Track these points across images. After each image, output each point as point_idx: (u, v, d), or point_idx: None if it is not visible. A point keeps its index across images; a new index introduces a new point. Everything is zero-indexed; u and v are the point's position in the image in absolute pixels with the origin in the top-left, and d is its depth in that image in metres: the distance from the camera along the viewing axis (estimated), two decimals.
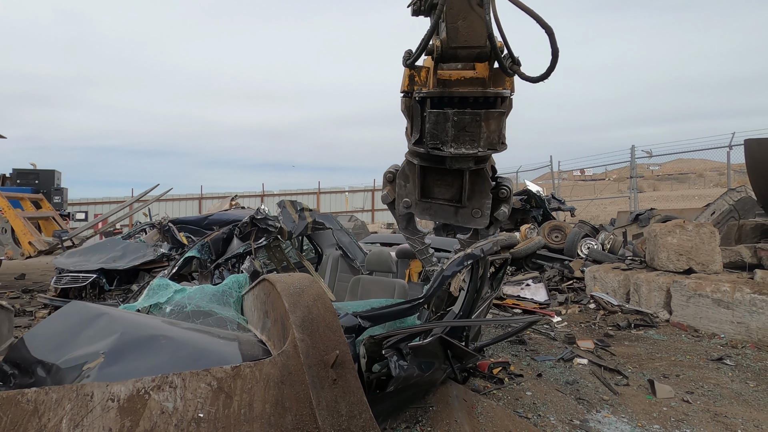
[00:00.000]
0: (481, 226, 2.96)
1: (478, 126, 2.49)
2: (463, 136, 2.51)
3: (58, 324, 2.27)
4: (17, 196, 9.63)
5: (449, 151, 2.51)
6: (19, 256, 8.95)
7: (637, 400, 3.47)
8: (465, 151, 2.52)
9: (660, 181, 35.83)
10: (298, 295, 2.02)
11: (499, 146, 2.60)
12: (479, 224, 2.91)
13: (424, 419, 2.95)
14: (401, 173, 2.91)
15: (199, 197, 24.80)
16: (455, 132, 2.49)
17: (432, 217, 2.98)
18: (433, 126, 2.50)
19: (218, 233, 6.54)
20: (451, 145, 2.50)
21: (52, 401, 1.44)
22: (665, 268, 5.86)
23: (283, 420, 1.57)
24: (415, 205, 2.92)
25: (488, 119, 2.51)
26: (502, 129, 2.60)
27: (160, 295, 3.55)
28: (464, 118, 2.48)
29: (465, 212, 2.87)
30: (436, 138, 2.51)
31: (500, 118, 2.55)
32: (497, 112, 2.52)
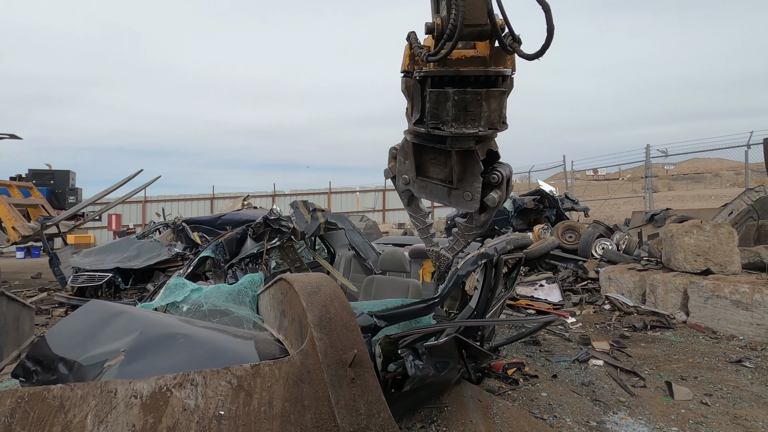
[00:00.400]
0: (472, 210, 2.92)
1: (479, 105, 2.46)
2: (464, 116, 2.48)
3: (78, 322, 2.31)
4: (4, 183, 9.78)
5: (450, 130, 2.48)
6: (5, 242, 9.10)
7: (654, 402, 3.43)
8: (466, 131, 2.49)
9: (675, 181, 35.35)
10: (316, 294, 2.03)
11: (500, 125, 2.57)
12: (470, 208, 2.87)
13: (439, 419, 2.95)
14: (401, 150, 2.94)
15: (210, 197, 25.01)
16: (456, 111, 2.46)
17: (427, 196, 2.99)
18: (433, 105, 2.48)
19: (232, 233, 6.60)
20: (452, 125, 2.48)
21: (77, 397, 1.47)
22: (682, 269, 5.78)
23: (302, 418, 1.59)
24: (413, 183, 2.95)
25: (489, 98, 2.48)
26: (503, 108, 2.57)
27: (177, 294, 3.59)
28: (465, 97, 2.45)
29: (457, 194, 2.84)
30: (436, 118, 2.49)
31: (501, 97, 2.52)
32: (498, 91, 2.49)
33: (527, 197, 11.67)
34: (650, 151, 14.41)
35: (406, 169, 2.95)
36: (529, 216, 11.60)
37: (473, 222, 3.07)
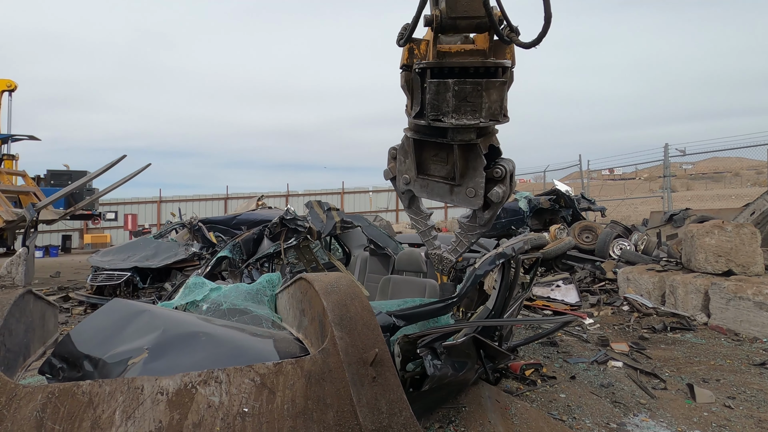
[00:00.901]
0: (475, 207, 2.86)
1: (479, 96, 2.44)
2: (465, 107, 2.46)
3: (102, 320, 2.35)
4: None
5: (450, 121, 2.45)
6: None
7: (676, 405, 3.38)
8: (466, 122, 2.47)
9: (694, 180, 34.76)
10: (336, 294, 2.04)
11: (501, 117, 2.54)
12: (474, 204, 2.82)
13: (457, 419, 2.94)
14: (401, 149, 2.88)
15: (224, 197, 25.26)
16: (456, 102, 2.44)
17: (429, 195, 2.94)
18: (433, 96, 2.46)
19: (249, 233, 6.65)
20: (452, 116, 2.45)
21: (105, 393, 1.50)
22: (703, 270, 5.68)
23: (325, 416, 1.59)
24: (414, 182, 2.89)
25: (489, 89, 2.46)
26: (504, 100, 2.54)
27: (197, 293, 3.63)
28: (465, 87, 2.43)
29: (460, 191, 2.80)
30: (436, 109, 2.47)
31: (502, 88, 2.49)
32: (498, 82, 2.46)
33: (543, 197, 11.57)
34: (668, 150, 14.18)
35: (406, 168, 2.90)
36: (544, 216, 11.51)
37: (476, 220, 3.00)
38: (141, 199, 24.50)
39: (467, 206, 2.89)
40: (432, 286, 4.22)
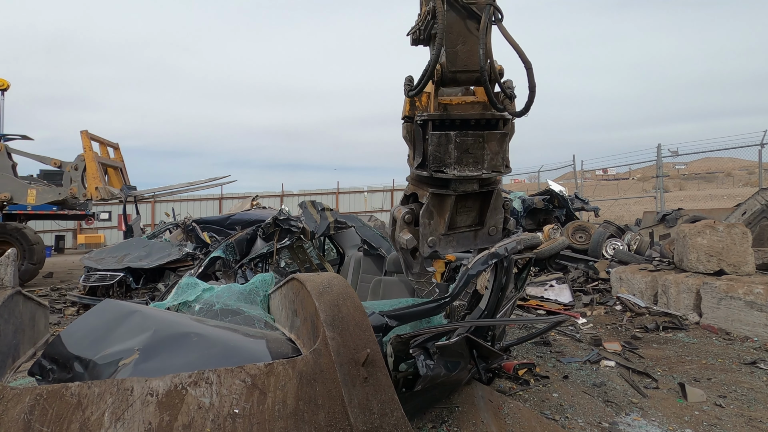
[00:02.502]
0: (496, 242, 2.97)
1: (481, 147, 2.52)
2: (466, 158, 2.52)
3: (93, 321, 2.33)
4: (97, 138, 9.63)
5: (452, 173, 2.50)
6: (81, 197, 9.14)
7: (667, 404, 3.40)
8: (469, 173, 2.53)
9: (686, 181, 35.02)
10: (328, 294, 2.04)
11: (503, 168, 2.62)
12: (494, 240, 2.93)
13: (450, 419, 2.94)
14: (426, 211, 2.77)
15: (219, 197, 25.16)
16: (458, 154, 2.51)
17: (454, 248, 2.95)
18: (435, 148, 2.51)
19: (242, 234, 6.63)
20: (455, 167, 2.51)
21: (94, 395, 1.49)
22: (695, 270, 5.72)
23: (316, 417, 1.59)
24: (439, 242, 2.83)
25: (491, 141, 2.53)
26: (506, 152, 2.63)
27: (189, 293, 3.62)
28: (467, 139, 2.50)
29: (483, 233, 2.90)
30: (439, 161, 2.52)
31: (503, 140, 2.58)
32: (500, 134, 2.54)
33: (537, 197, 11.61)
34: (661, 150, 14.27)
35: (431, 230, 2.80)
36: (538, 216, 11.55)
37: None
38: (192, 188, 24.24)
39: (488, 244, 2.98)
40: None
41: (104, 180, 9.15)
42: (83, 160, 9.11)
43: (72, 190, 9.12)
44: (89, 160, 9.07)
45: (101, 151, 9.67)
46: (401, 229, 2.85)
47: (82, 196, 9.12)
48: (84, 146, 9.09)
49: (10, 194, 9.05)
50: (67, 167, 9.16)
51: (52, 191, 9.24)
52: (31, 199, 9.17)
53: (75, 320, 2.44)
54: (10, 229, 10.39)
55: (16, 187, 9.16)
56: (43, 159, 9.47)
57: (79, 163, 9.12)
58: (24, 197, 9.16)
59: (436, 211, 2.77)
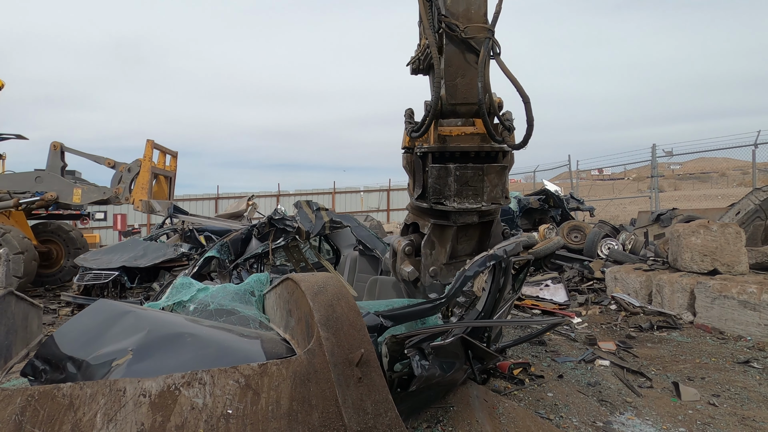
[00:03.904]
0: None
1: (480, 180, 2.53)
2: (466, 191, 2.54)
3: (86, 321, 2.31)
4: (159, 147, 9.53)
5: (452, 205, 2.52)
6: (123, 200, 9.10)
7: (661, 403, 3.41)
8: (468, 206, 2.55)
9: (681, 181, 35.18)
10: (322, 294, 2.04)
11: (502, 200, 2.63)
12: None
13: (445, 419, 2.94)
14: (427, 242, 2.79)
15: (215, 197, 25.09)
16: (458, 186, 2.52)
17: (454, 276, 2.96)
18: (435, 181, 2.52)
19: (237, 233, 6.61)
20: (455, 200, 2.53)
21: (86, 396, 1.48)
22: (689, 269, 5.75)
23: (309, 417, 1.59)
24: (441, 271, 2.87)
25: (490, 173, 2.55)
26: (505, 183, 2.64)
27: (184, 293, 3.60)
28: (466, 172, 2.52)
29: None
30: (438, 193, 2.53)
31: (502, 172, 2.59)
32: (499, 166, 2.56)
33: (532, 197, 11.65)
34: (656, 150, 14.34)
35: (433, 260, 2.84)
36: (534, 216, 11.58)
37: None
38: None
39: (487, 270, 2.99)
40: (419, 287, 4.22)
41: (150, 194, 9.15)
42: (139, 165, 9.09)
43: (118, 189, 9.08)
44: (144, 169, 9.08)
45: (159, 159, 9.65)
46: (402, 261, 2.87)
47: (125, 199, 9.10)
48: (145, 155, 9.10)
49: (56, 194, 9.03)
50: (121, 167, 9.13)
51: (97, 191, 9.21)
52: (77, 198, 9.15)
53: (68, 321, 2.43)
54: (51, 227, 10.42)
55: (63, 186, 9.15)
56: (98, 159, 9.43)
57: (134, 167, 9.11)
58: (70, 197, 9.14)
59: (438, 242, 2.78)
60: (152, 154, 9.19)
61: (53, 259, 10.31)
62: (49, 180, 9.16)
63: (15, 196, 9.09)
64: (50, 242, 10.37)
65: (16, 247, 8.07)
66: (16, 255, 8.01)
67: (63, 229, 10.60)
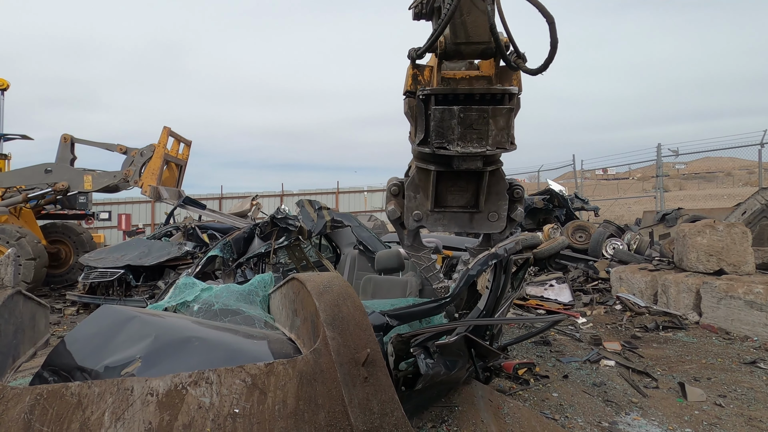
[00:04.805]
0: (497, 230, 2.86)
1: (485, 123, 2.38)
2: (470, 134, 2.39)
3: (91, 329, 2.27)
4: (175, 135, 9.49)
5: (455, 149, 2.39)
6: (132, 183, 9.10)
7: (667, 403, 3.40)
8: (472, 150, 2.40)
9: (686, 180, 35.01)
10: (328, 294, 2.04)
11: (508, 145, 2.47)
12: (496, 228, 2.82)
13: (450, 419, 2.94)
14: (411, 184, 2.70)
15: (219, 197, 25.15)
16: (462, 130, 2.38)
17: (445, 227, 2.85)
18: (438, 124, 2.38)
19: (239, 232, 6.62)
20: (458, 144, 2.39)
21: (94, 395, 1.48)
22: (695, 269, 5.72)
23: (316, 417, 1.59)
24: (427, 217, 2.74)
25: (496, 116, 2.39)
26: (511, 128, 2.48)
27: (187, 293, 3.60)
28: (471, 114, 2.37)
29: (481, 217, 2.78)
30: (441, 136, 2.39)
31: (509, 115, 2.43)
32: (505, 109, 2.40)
33: (537, 197, 11.62)
34: (661, 150, 14.27)
35: (417, 204, 2.72)
36: (538, 216, 11.55)
37: (490, 242, 3.00)
38: (135, 199, 24.30)
39: (488, 230, 2.86)
40: (414, 285, 4.22)
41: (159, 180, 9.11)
42: (152, 150, 9.05)
43: (128, 171, 9.06)
44: (157, 155, 8.99)
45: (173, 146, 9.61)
46: (387, 201, 2.79)
47: (134, 182, 9.08)
48: (160, 141, 9.05)
49: (67, 183, 9.07)
50: (133, 152, 9.13)
51: (107, 176, 9.22)
52: (88, 185, 9.17)
53: (73, 329, 2.41)
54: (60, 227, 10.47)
55: (73, 175, 9.19)
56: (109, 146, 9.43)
57: (146, 151, 9.07)
58: (81, 184, 9.18)
59: (422, 186, 2.67)
60: (167, 140, 9.18)
61: (62, 259, 10.36)
62: (59, 171, 9.20)
63: (23, 192, 9.15)
64: (59, 242, 10.42)
65: (29, 252, 8.10)
66: (28, 261, 8.04)
67: (73, 230, 10.64)
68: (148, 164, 9.06)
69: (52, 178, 9.12)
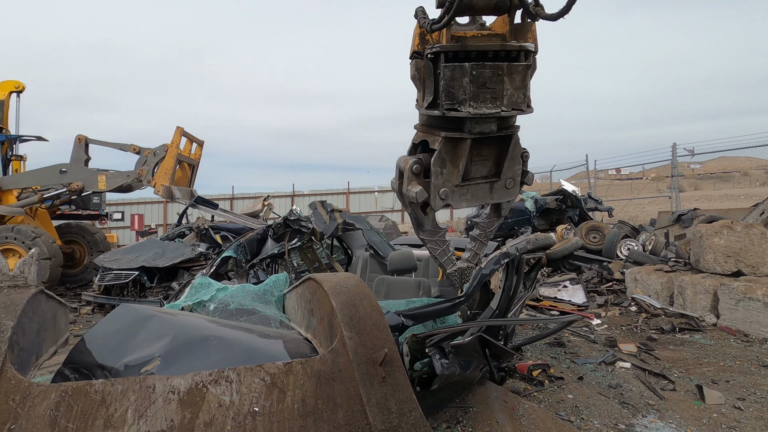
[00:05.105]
0: (513, 197, 2.70)
1: (500, 81, 2.18)
2: (484, 93, 2.19)
3: (110, 328, 2.30)
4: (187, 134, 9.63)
5: (468, 111, 2.19)
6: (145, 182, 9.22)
7: (685, 406, 3.36)
8: (486, 111, 2.19)
9: (702, 180, 34.51)
10: (345, 294, 2.05)
11: (524, 107, 2.29)
12: (512, 195, 2.66)
13: (464, 419, 2.94)
14: (437, 159, 2.40)
15: (230, 197, 25.32)
16: (474, 89, 2.17)
17: (468, 202, 2.62)
18: (448, 83, 2.17)
19: (253, 234, 6.67)
20: (470, 104, 2.18)
21: (117, 392, 1.51)
22: (712, 270, 5.64)
23: (335, 416, 1.60)
24: (452, 194, 2.49)
25: (512, 74, 2.20)
26: (528, 88, 2.29)
27: (203, 293, 3.63)
28: (484, 72, 2.17)
29: (499, 186, 2.60)
30: (452, 97, 2.18)
31: (525, 73, 2.24)
32: (522, 66, 2.21)
33: (549, 197, 11.54)
34: (677, 149, 14.08)
35: (443, 180, 2.45)
36: (551, 216, 11.47)
37: (499, 212, 2.84)
38: (147, 199, 24.56)
39: (506, 198, 2.70)
40: (426, 285, 4.21)
41: (172, 179, 9.21)
42: (165, 150, 9.18)
43: (141, 171, 9.19)
44: (170, 155, 9.11)
45: (186, 146, 9.71)
46: (410, 182, 2.48)
47: (147, 182, 9.20)
48: (173, 141, 9.17)
49: (82, 183, 9.23)
50: (146, 152, 9.25)
51: (120, 175, 9.36)
52: (102, 185, 9.32)
53: (93, 327, 2.44)
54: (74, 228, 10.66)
55: (87, 176, 9.35)
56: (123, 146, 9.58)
57: (159, 151, 9.20)
58: (95, 184, 9.34)
59: (449, 159, 2.42)
60: (180, 140, 9.26)
61: (76, 259, 10.53)
62: (73, 171, 9.35)
63: (39, 192, 9.31)
64: (74, 243, 10.59)
65: (44, 252, 8.26)
66: (43, 260, 8.19)
67: (87, 230, 10.80)
68: (161, 164, 9.16)
69: (66, 178, 9.27)
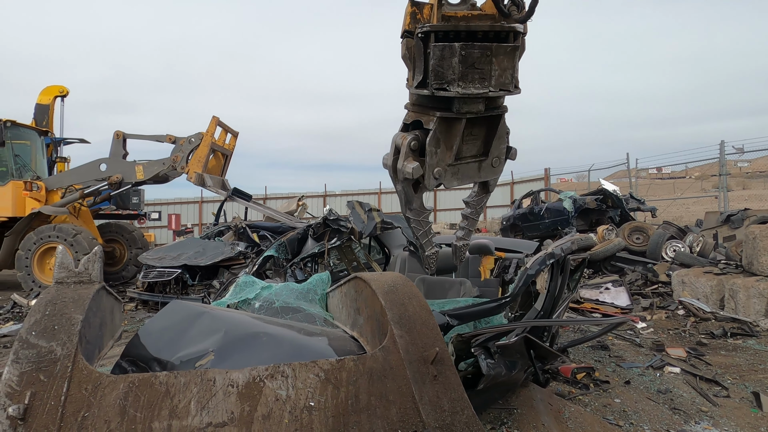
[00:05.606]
0: (498, 174, 2.74)
1: (488, 62, 2.23)
2: (472, 74, 2.24)
3: (164, 323, 2.39)
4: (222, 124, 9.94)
5: (456, 90, 2.23)
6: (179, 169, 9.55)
7: (740, 413, 3.22)
8: (474, 90, 2.25)
9: (750, 179, 32.88)
10: (393, 293, 2.06)
11: (512, 88, 2.33)
12: (498, 173, 2.71)
13: (509, 421, 2.91)
14: (432, 139, 2.44)
15: (263, 198, 25.81)
16: (463, 69, 2.22)
17: (459, 181, 2.66)
18: (437, 62, 2.23)
19: (294, 233, 6.79)
20: (459, 84, 2.23)
21: (180, 384, 1.57)
22: (766, 273, 5.38)
23: (388, 412, 1.62)
24: (445, 173, 2.54)
25: (499, 55, 2.25)
26: (515, 69, 2.34)
27: (248, 291, 3.73)
28: (473, 52, 2.22)
29: (486, 164, 2.65)
30: (440, 77, 2.23)
31: (513, 55, 2.28)
32: (510, 47, 2.26)
33: (589, 197, 11.25)
34: (725, 147, 13.47)
35: (438, 160, 2.50)
36: (590, 216, 11.18)
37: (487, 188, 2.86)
38: (183, 199, 25.34)
39: (492, 176, 2.75)
40: (468, 286, 4.17)
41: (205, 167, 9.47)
42: (200, 139, 9.45)
43: (176, 157, 9.50)
44: (204, 143, 9.38)
45: (220, 136, 9.95)
46: (406, 158, 2.51)
47: (180, 168, 9.50)
48: (208, 130, 9.45)
49: (121, 175, 9.66)
50: (182, 141, 9.57)
51: (156, 164, 9.72)
52: (140, 175, 9.71)
53: (146, 323, 2.54)
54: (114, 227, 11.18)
55: (125, 167, 9.78)
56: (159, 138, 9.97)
57: (195, 139, 9.50)
58: (133, 175, 9.74)
59: (443, 139, 2.48)
60: (215, 129, 9.48)
61: (117, 257, 10.98)
62: (112, 164, 9.75)
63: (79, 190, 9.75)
64: (114, 241, 11.05)
65: (86, 248, 8.65)
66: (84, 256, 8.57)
67: (126, 229, 11.25)
68: (195, 152, 9.41)
69: (106, 172, 9.67)
